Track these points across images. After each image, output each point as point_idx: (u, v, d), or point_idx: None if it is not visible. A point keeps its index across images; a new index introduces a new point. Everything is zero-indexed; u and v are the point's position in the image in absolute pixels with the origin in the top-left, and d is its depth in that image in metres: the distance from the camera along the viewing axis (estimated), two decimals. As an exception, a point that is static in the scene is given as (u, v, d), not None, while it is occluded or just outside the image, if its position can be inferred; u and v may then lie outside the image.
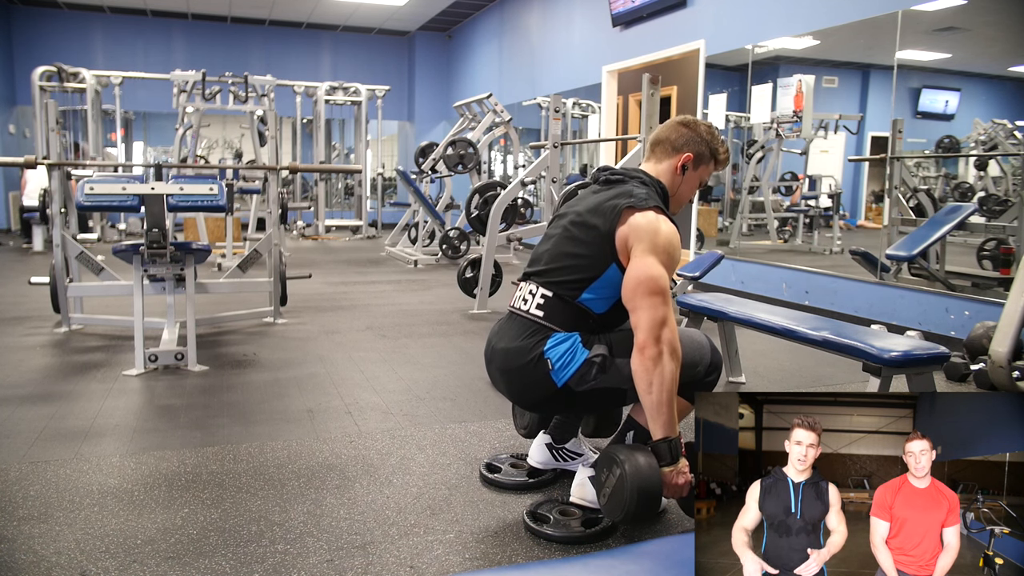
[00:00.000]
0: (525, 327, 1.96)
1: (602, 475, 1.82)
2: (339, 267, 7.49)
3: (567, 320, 1.92)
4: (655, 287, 1.78)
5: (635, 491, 1.70)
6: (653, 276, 1.79)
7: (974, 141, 5.24)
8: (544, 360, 1.89)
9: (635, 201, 1.87)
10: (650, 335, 1.75)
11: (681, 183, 2.03)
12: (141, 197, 3.62)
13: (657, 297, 1.77)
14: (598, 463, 1.87)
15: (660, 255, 1.81)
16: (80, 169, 7.57)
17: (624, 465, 1.73)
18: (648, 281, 1.78)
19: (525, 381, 1.95)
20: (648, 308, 1.77)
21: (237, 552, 1.79)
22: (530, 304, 1.97)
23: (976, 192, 5.21)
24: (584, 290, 1.90)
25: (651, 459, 1.75)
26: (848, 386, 3.42)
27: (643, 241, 1.82)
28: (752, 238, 6.92)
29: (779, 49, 5.76)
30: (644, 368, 1.75)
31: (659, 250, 1.81)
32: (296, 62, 12.16)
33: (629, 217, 1.85)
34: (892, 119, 4.78)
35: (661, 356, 1.74)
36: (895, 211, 4.98)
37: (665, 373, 1.74)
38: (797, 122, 5.96)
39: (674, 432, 1.77)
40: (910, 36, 4.55)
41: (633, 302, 1.80)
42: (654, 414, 1.76)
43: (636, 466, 1.72)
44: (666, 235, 1.83)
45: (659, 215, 1.86)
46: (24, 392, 3.08)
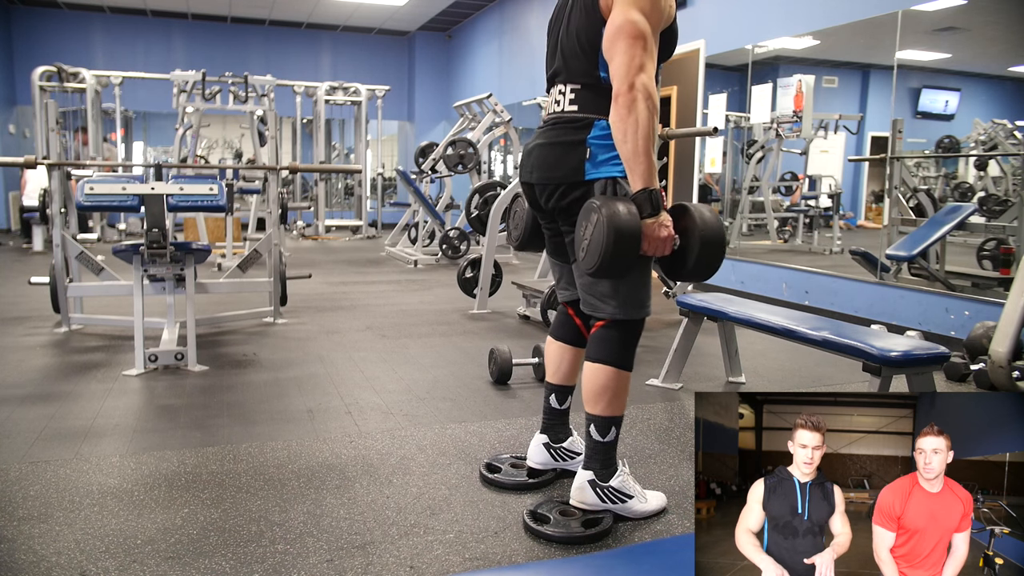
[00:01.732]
0: (566, 122, 1.90)
1: (581, 228, 1.76)
2: (339, 267, 7.49)
3: (602, 105, 1.83)
4: (633, 30, 1.71)
5: (612, 231, 1.65)
6: (630, 20, 1.72)
7: (974, 141, 5.24)
8: (585, 147, 1.84)
9: None
10: (624, 81, 1.70)
11: None
12: (141, 197, 3.62)
13: (635, 40, 1.71)
14: (578, 219, 1.80)
15: (639, 2, 1.73)
16: (80, 169, 7.57)
17: (600, 210, 1.68)
18: (625, 24, 1.72)
19: (560, 156, 1.89)
20: (623, 52, 1.71)
21: (237, 552, 1.79)
22: (563, 103, 1.92)
23: (976, 192, 5.21)
24: (598, 67, 1.84)
25: (631, 207, 1.70)
26: (848, 386, 3.42)
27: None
28: (752, 238, 6.92)
29: (779, 49, 5.76)
30: (619, 117, 1.70)
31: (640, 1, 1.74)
32: (296, 62, 12.16)
33: None
34: (892, 119, 4.78)
35: (635, 103, 1.68)
36: (895, 211, 4.98)
37: (640, 120, 1.68)
38: (797, 122, 5.97)
39: (653, 183, 1.71)
40: (910, 36, 4.55)
41: (611, 52, 1.75)
42: (632, 163, 1.71)
43: (613, 209, 1.67)
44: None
45: None
46: (24, 392, 3.08)
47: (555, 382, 2.20)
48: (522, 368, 3.45)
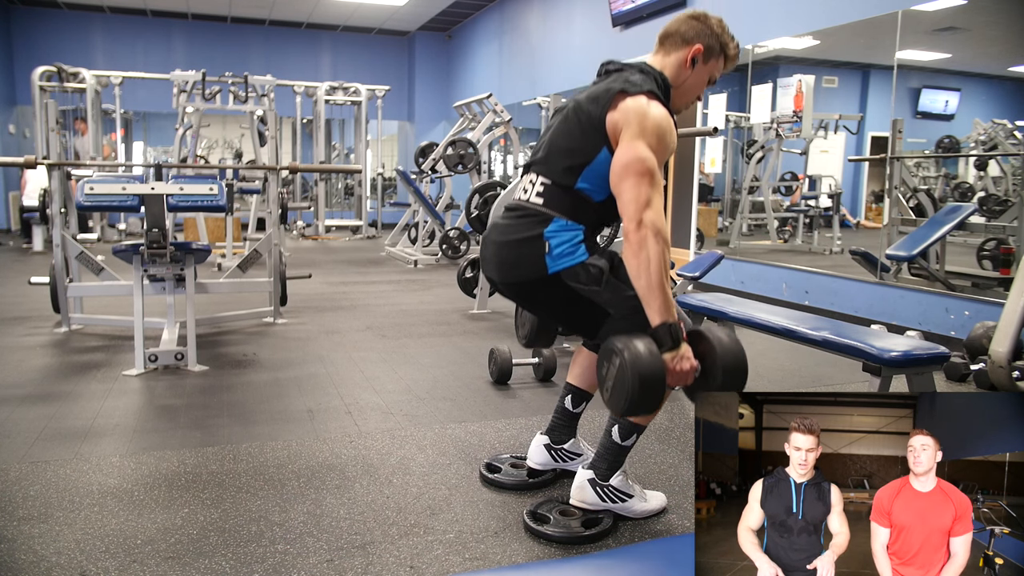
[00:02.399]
0: (526, 214, 1.91)
1: (603, 368, 1.76)
2: (339, 267, 7.49)
3: (567, 207, 1.86)
4: (641, 168, 1.73)
5: (636, 377, 1.64)
6: (639, 157, 1.74)
7: (974, 141, 5.24)
8: (542, 241, 1.84)
9: (628, 86, 1.83)
10: (633, 219, 1.71)
11: (690, 76, 1.97)
12: (141, 197, 3.62)
13: (643, 178, 1.72)
14: (599, 357, 1.79)
15: (648, 138, 1.76)
16: (80, 168, 7.57)
17: (623, 353, 1.67)
18: (634, 162, 1.74)
19: (517, 256, 1.89)
20: (632, 189, 1.73)
21: (237, 552, 1.79)
22: (530, 193, 1.93)
23: (976, 192, 5.21)
24: (579, 177, 1.85)
25: (651, 345, 1.69)
26: (848, 386, 3.42)
27: (631, 125, 1.77)
28: (752, 238, 6.92)
29: (779, 49, 5.76)
30: (631, 253, 1.71)
31: (647, 133, 1.76)
32: (296, 62, 12.16)
33: (620, 102, 1.81)
34: (892, 119, 4.79)
35: (646, 240, 1.70)
36: (895, 211, 4.98)
37: (652, 256, 1.69)
38: (797, 122, 5.97)
39: (671, 316, 1.72)
40: (910, 36, 4.55)
41: (619, 187, 1.76)
42: (647, 298, 1.71)
43: (635, 353, 1.66)
44: (655, 118, 1.78)
45: (651, 100, 1.81)
46: (24, 392, 3.08)
47: (578, 385, 2.20)
48: (522, 368, 3.45)
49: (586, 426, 2.65)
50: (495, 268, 1.98)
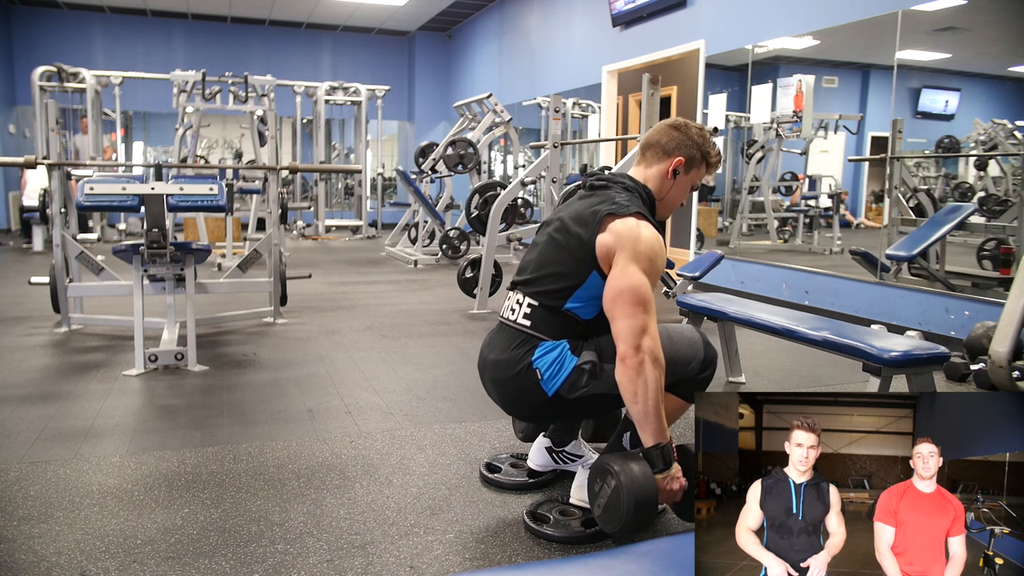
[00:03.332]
0: (514, 337, 1.95)
1: (595, 486, 1.81)
2: (339, 267, 7.49)
3: (554, 328, 1.91)
4: (635, 297, 1.76)
5: (632, 501, 1.69)
6: (633, 285, 1.77)
7: (974, 141, 5.24)
8: (533, 370, 1.89)
9: (616, 208, 1.85)
10: (630, 345, 1.74)
11: (672, 187, 2.00)
12: (141, 197, 3.62)
13: (637, 307, 1.76)
14: (590, 475, 1.85)
15: (641, 263, 1.79)
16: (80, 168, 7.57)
17: (619, 476, 1.72)
18: (628, 291, 1.77)
19: (516, 391, 1.94)
20: (628, 317, 1.76)
21: (237, 552, 1.79)
22: (517, 314, 1.96)
23: (976, 192, 5.21)
24: (568, 299, 1.89)
25: (645, 467, 1.74)
26: (848, 386, 3.42)
27: (624, 249, 1.80)
28: (752, 238, 6.92)
29: (779, 49, 5.76)
30: (628, 378, 1.75)
31: (640, 257, 1.79)
32: (296, 62, 12.16)
33: (609, 224, 1.83)
34: (892, 119, 4.78)
35: (643, 365, 1.73)
36: (895, 211, 4.98)
37: (649, 382, 1.73)
38: (797, 122, 5.97)
39: (664, 438, 1.76)
40: (910, 36, 4.55)
41: (613, 312, 1.79)
42: (642, 423, 1.75)
43: (631, 476, 1.71)
44: (647, 241, 1.81)
45: (640, 221, 1.84)
46: (24, 392, 3.08)
47: None
48: (522, 368, 3.45)
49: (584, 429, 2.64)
50: (501, 402, 2.04)
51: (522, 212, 6.69)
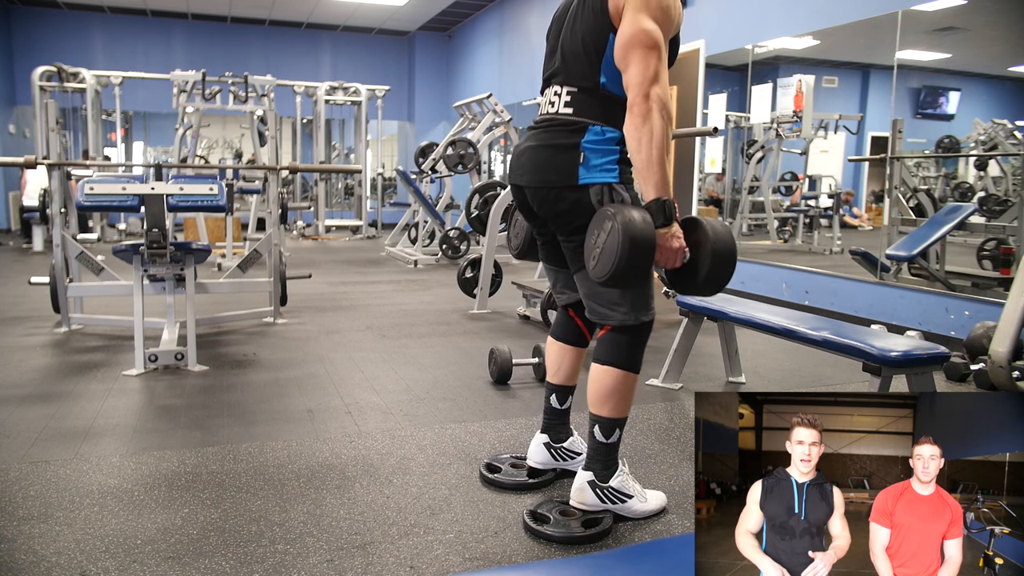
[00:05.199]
0: (559, 123, 1.88)
1: (593, 236, 1.74)
2: (339, 267, 7.49)
3: (597, 111, 1.83)
4: (646, 39, 1.71)
5: (627, 239, 1.63)
6: (643, 28, 1.71)
7: (974, 141, 5.24)
8: (579, 151, 1.82)
9: None
10: (639, 91, 1.69)
11: None
12: (141, 197, 3.62)
13: (650, 50, 1.70)
14: (590, 227, 1.77)
15: (652, 10, 1.73)
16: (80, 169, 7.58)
17: (616, 217, 1.66)
18: (638, 34, 1.71)
19: (552, 158, 1.87)
20: (638, 62, 1.70)
21: (237, 552, 1.79)
22: (558, 105, 1.90)
23: (976, 192, 5.21)
24: (599, 72, 1.83)
25: (645, 214, 1.68)
26: (848, 386, 3.42)
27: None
28: (752, 238, 6.92)
29: (779, 49, 5.76)
30: (634, 126, 1.70)
31: (651, 5, 1.73)
32: (296, 62, 12.16)
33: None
34: (892, 119, 4.79)
35: (651, 113, 1.68)
36: (895, 211, 4.98)
37: (655, 129, 1.68)
38: (797, 122, 5.97)
39: (667, 193, 1.71)
40: (910, 36, 4.55)
41: (625, 60, 1.74)
42: (645, 173, 1.70)
43: (628, 217, 1.65)
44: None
45: None
46: (24, 392, 3.08)
47: (556, 382, 2.20)
48: (522, 368, 3.45)
49: (585, 427, 2.64)
50: (527, 170, 1.94)
51: (522, 212, 6.68)
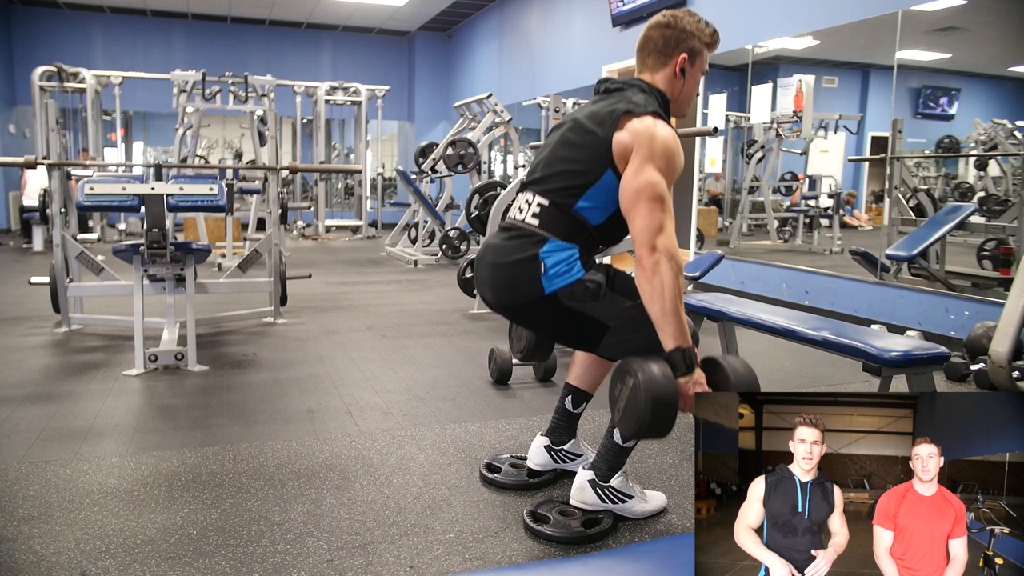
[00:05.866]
0: (520, 234, 1.89)
1: (615, 389, 1.75)
2: (339, 267, 7.49)
3: (563, 230, 1.84)
4: (653, 193, 1.73)
5: (649, 400, 1.64)
6: (651, 182, 1.74)
7: (974, 141, 5.24)
8: (538, 262, 1.82)
9: (633, 107, 1.82)
10: (646, 244, 1.71)
11: (683, 85, 1.97)
12: (141, 197, 3.62)
13: (655, 203, 1.73)
14: (612, 377, 1.79)
15: (658, 162, 1.76)
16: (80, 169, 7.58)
17: (637, 375, 1.67)
18: (645, 188, 1.74)
19: (512, 277, 1.87)
20: (645, 215, 1.73)
21: (237, 552, 1.79)
22: (525, 213, 1.91)
23: (976, 192, 5.21)
24: (580, 197, 1.84)
25: (665, 368, 1.69)
26: (848, 386, 3.42)
27: (641, 147, 1.77)
28: (752, 238, 6.92)
29: (779, 49, 5.75)
30: (645, 279, 1.71)
31: (657, 156, 1.76)
32: (296, 62, 12.16)
33: (627, 123, 1.80)
34: (892, 119, 4.78)
35: (659, 264, 1.70)
36: (895, 211, 4.98)
37: (665, 281, 1.69)
38: (797, 122, 5.97)
39: (686, 341, 1.71)
40: (910, 36, 4.55)
41: (630, 211, 1.76)
42: (662, 323, 1.71)
43: (650, 375, 1.66)
44: (663, 140, 1.78)
45: (657, 120, 1.80)
46: (24, 392, 3.08)
47: (578, 385, 2.19)
48: (522, 368, 3.45)
49: (586, 426, 2.65)
50: (490, 290, 1.95)
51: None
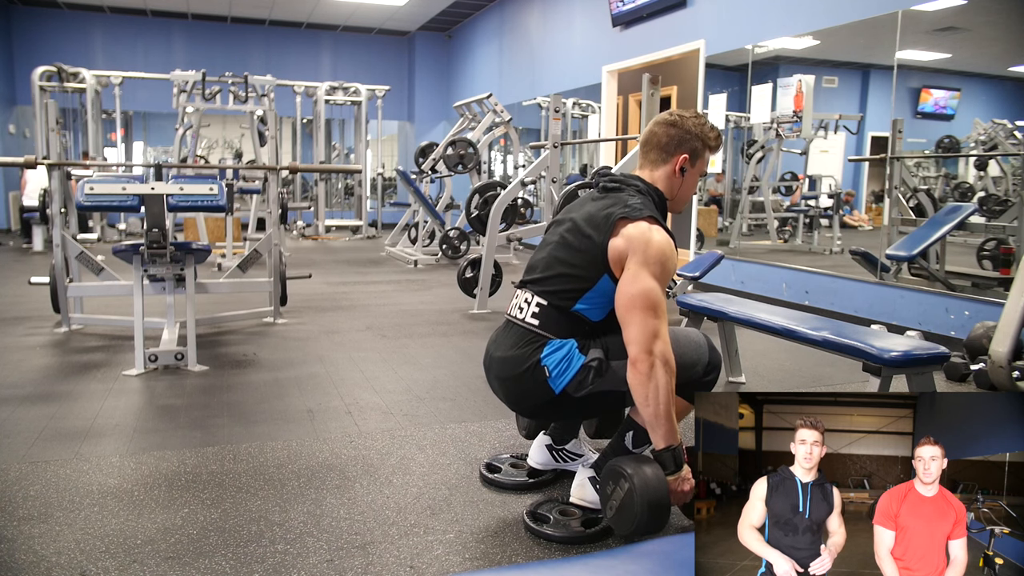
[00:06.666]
0: (521, 336, 1.97)
1: (608, 488, 1.82)
2: (339, 267, 7.49)
3: (562, 328, 1.92)
4: (646, 302, 1.78)
5: (645, 505, 1.71)
6: (644, 290, 1.79)
7: (974, 141, 5.24)
8: (541, 367, 1.90)
9: (629, 211, 1.86)
10: (642, 349, 1.76)
11: (682, 184, 2.02)
12: (141, 197, 3.62)
13: (648, 312, 1.78)
14: (603, 477, 1.87)
15: (652, 267, 1.81)
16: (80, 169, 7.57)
17: (632, 479, 1.73)
18: (640, 296, 1.79)
19: (523, 388, 1.96)
20: (640, 323, 1.78)
21: (237, 552, 1.79)
22: (526, 313, 1.98)
23: (976, 192, 5.21)
24: (578, 300, 1.91)
25: (658, 470, 1.76)
26: (848, 386, 3.42)
27: (636, 253, 1.82)
28: (752, 238, 6.92)
29: (779, 49, 5.75)
30: (639, 382, 1.76)
31: (651, 262, 1.81)
32: (296, 62, 12.16)
33: (622, 228, 1.85)
34: (892, 119, 4.78)
35: (654, 369, 1.75)
36: (895, 211, 4.98)
37: (660, 385, 1.75)
38: (797, 122, 5.96)
39: (676, 440, 1.78)
40: (910, 36, 4.55)
41: (625, 317, 1.81)
42: (654, 425, 1.77)
43: (644, 479, 1.73)
44: (658, 246, 1.82)
45: (652, 225, 1.85)
46: (24, 392, 3.08)
47: None
48: (522, 368, 3.45)
49: (585, 426, 2.64)
50: (506, 400, 2.06)
51: (522, 212, 6.69)
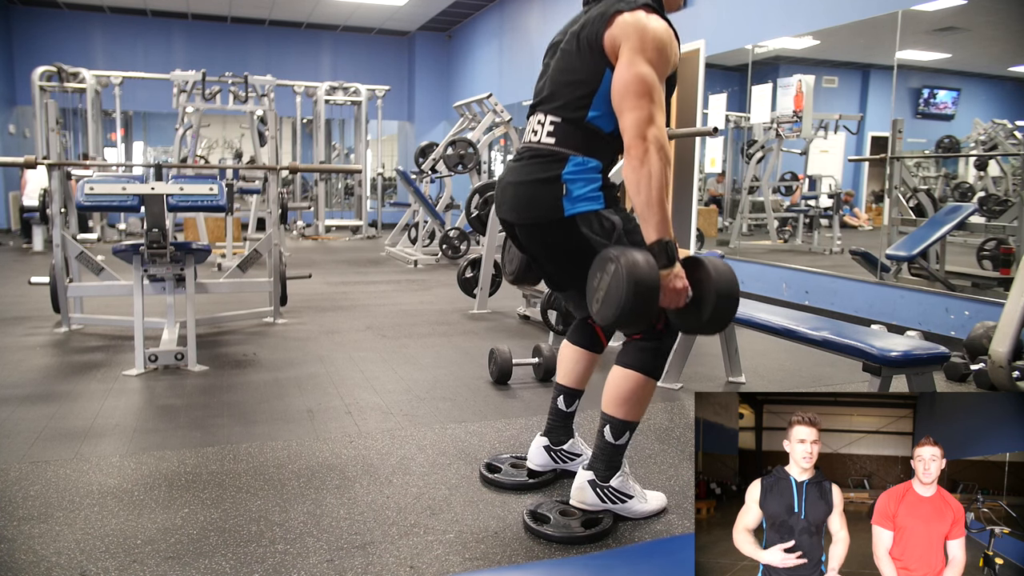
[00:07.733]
0: (539, 154, 1.88)
1: (595, 279, 1.74)
2: (339, 267, 7.49)
3: (580, 143, 1.84)
4: (641, 87, 1.72)
5: (631, 283, 1.63)
6: (639, 75, 1.72)
7: (974, 141, 5.24)
8: (560, 184, 1.82)
9: (623, 4, 1.80)
10: (636, 135, 1.70)
11: None
12: (141, 197, 3.62)
13: (643, 97, 1.71)
14: (592, 269, 1.78)
15: (648, 53, 1.74)
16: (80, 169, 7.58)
17: (619, 260, 1.66)
18: (634, 81, 1.73)
19: (534, 195, 1.87)
20: (634, 108, 1.72)
21: (237, 552, 1.79)
22: (540, 134, 1.90)
23: (976, 192, 5.21)
24: (589, 107, 1.83)
25: (648, 257, 1.68)
26: (848, 386, 3.42)
27: (630, 39, 1.75)
28: (752, 238, 6.92)
29: (779, 49, 5.76)
30: (632, 168, 1.70)
31: (647, 48, 1.74)
32: (296, 62, 12.16)
33: (617, 18, 1.78)
34: (892, 119, 4.78)
35: (648, 155, 1.69)
36: (895, 211, 4.98)
37: (653, 171, 1.68)
38: (797, 122, 5.97)
39: (668, 234, 1.71)
40: (910, 36, 4.55)
41: (620, 105, 1.75)
42: (645, 215, 1.71)
43: (632, 260, 1.65)
44: (654, 32, 1.75)
45: (649, 13, 1.78)
46: (24, 392, 3.08)
47: (567, 384, 2.19)
48: (522, 368, 3.45)
49: (586, 426, 2.65)
50: (511, 208, 1.96)
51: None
